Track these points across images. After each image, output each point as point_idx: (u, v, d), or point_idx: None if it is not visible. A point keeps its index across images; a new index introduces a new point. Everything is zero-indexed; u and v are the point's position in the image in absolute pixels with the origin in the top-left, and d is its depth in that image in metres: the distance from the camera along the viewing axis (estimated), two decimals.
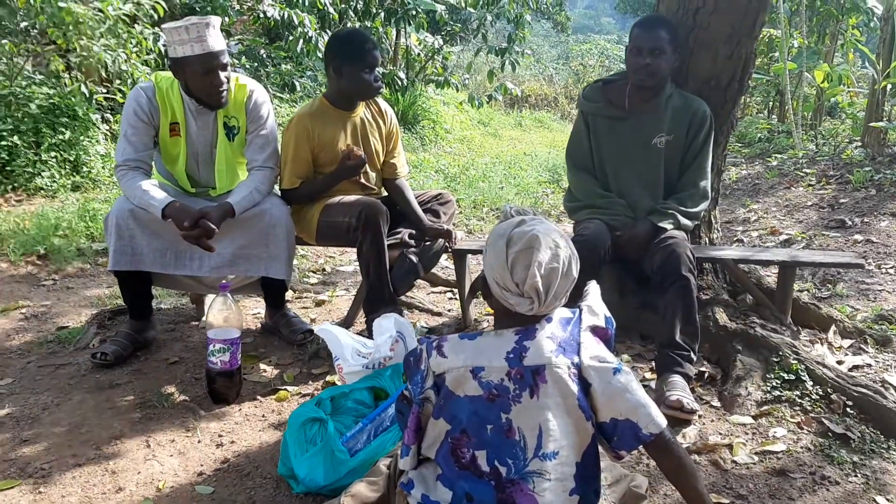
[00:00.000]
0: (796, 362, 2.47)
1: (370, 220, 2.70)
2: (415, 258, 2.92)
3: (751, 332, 2.67)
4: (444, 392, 1.45)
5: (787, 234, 4.92)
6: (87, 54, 5.48)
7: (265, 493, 1.93)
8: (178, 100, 2.68)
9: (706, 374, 2.62)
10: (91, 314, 3.19)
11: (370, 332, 2.61)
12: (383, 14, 8.33)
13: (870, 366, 2.70)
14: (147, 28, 6.05)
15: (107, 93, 6.06)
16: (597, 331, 1.53)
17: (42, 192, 5.05)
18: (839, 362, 2.68)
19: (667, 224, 2.64)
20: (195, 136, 2.74)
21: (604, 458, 1.49)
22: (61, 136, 5.29)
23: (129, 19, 5.89)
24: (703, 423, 2.29)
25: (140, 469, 2.03)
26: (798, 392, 2.38)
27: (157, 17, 5.96)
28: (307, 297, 3.63)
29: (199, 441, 2.19)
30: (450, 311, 3.43)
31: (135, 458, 2.08)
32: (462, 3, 9.74)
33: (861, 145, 7.37)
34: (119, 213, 2.58)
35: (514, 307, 1.43)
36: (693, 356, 2.47)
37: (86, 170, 5.41)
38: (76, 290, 3.63)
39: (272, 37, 8.85)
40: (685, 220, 2.69)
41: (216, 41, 2.56)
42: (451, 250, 3.08)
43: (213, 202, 2.69)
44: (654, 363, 2.58)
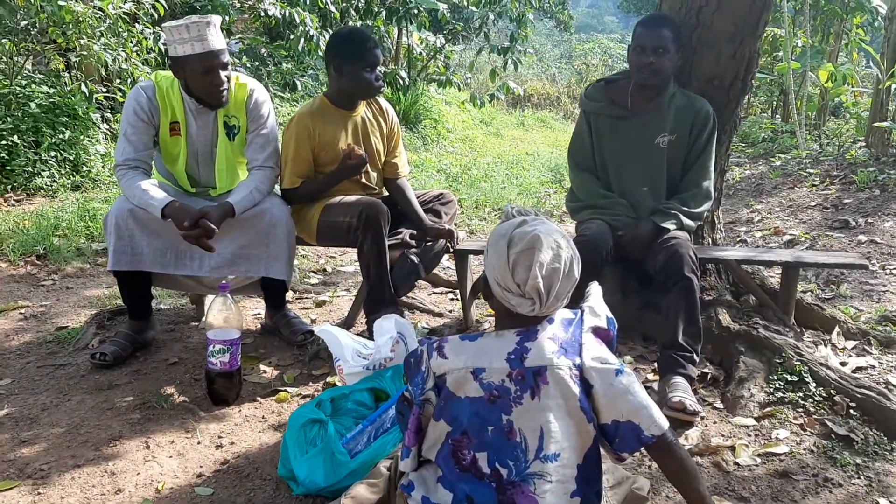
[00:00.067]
0: (799, 364, 2.45)
1: (371, 220, 2.69)
2: (416, 258, 2.91)
3: (754, 334, 2.66)
4: (445, 393, 1.44)
5: (791, 234, 4.90)
6: (87, 53, 5.48)
7: (265, 494, 1.92)
8: (179, 99, 2.67)
9: (709, 376, 2.61)
10: (90, 314, 3.19)
11: (371, 332, 2.61)
12: (385, 12, 8.32)
13: (873, 367, 2.69)
14: (147, 27, 6.05)
15: (107, 92, 6.06)
16: (598, 332, 1.52)
17: (42, 191, 5.05)
18: (843, 364, 2.67)
19: (669, 224, 2.63)
20: (195, 136, 2.73)
21: (605, 459, 1.48)
22: (61, 136, 5.29)
23: (129, 18, 5.90)
24: (706, 425, 2.28)
25: (139, 470, 2.02)
26: (801, 394, 2.37)
27: (157, 15, 5.97)
28: (307, 298, 3.62)
29: (198, 442, 2.18)
30: (451, 311, 3.42)
31: (134, 459, 2.07)
32: (464, 2, 9.71)
33: (865, 145, 7.34)
34: (119, 213, 2.57)
35: (515, 308, 1.43)
36: (696, 357, 2.46)
37: (85, 169, 5.41)
38: (75, 290, 3.62)
39: (273, 35, 8.85)
40: (688, 221, 2.68)
41: (217, 40, 2.55)
42: (452, 251, 3.07)
43: (213, 202, 2.68)
44: (656, 364, 2.57)
